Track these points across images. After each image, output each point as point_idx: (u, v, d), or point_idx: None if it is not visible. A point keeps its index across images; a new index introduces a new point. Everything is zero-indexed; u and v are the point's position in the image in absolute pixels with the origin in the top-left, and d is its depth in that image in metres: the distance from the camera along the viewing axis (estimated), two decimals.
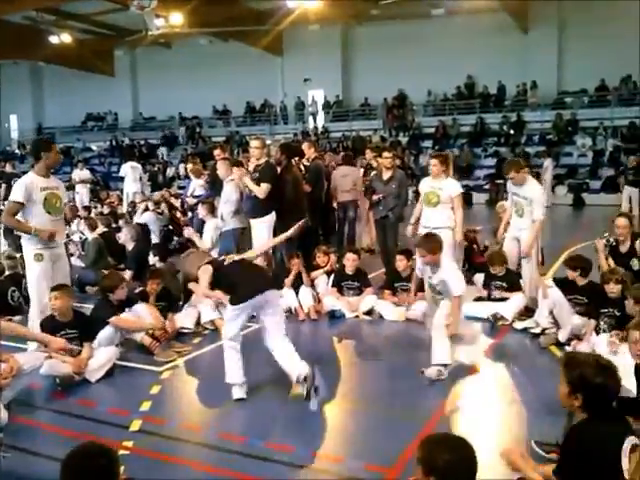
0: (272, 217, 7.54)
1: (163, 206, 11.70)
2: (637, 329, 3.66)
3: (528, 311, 6.30)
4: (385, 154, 8.32)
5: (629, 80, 21.54)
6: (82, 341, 5.08)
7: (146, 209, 11.32)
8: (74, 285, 6.78)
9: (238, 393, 4.58)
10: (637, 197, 14.59)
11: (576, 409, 2.73)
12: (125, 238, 8.43)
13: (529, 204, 6.48)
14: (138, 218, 11.11)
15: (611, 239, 6.30)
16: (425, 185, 7.04)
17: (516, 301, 6.41)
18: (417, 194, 7.60)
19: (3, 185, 12.85)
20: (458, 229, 6.78)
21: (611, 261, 6.14)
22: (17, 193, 5.41)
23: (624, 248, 6.25)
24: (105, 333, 5.39)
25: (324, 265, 7.36)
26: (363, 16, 23.68)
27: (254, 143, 7.89)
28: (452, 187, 6.87)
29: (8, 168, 14.99)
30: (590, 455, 2.60)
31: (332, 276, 7.23)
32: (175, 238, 10.79)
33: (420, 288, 6.40)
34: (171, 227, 11.14)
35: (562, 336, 5.53)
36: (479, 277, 7.07)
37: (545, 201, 6.81)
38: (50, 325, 5.05)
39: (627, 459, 2.57)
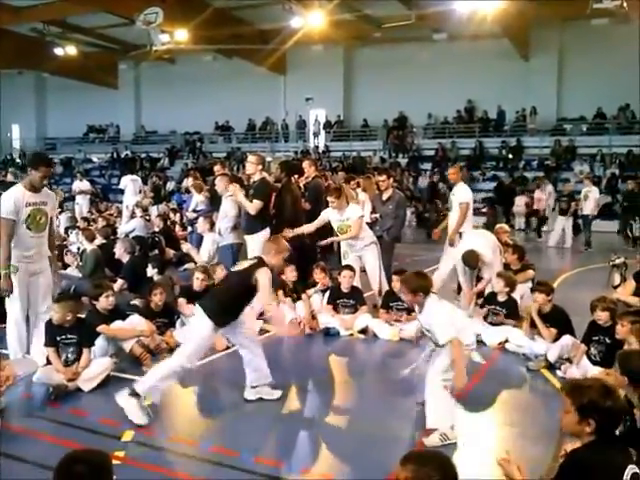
0: (266, 233, 7.57)
1: (153, 214, 11.61)
2: None
3: None
4: (378, 177, 8.43)
5: (627, 109, 21.77)
6: (81, 346, 5.10)
7: (133, 215, 11.20)
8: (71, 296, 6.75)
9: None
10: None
11: (585, 435, 2.72)
12: (120, 252, 8.31)
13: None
14: (125, 224, 11.03)
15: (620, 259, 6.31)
16: (333, 218, 7.34)
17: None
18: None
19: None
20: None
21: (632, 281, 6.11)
22: (7, 208, 5.16)
23: None
24: (98, 343, 5.41)
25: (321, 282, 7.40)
26: (366, 38, 23.97)
27: (249, 158, 7.95)
28: (353, 213, 7.26)
29: (10, 177, 15.05)
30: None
31: (327, 293, 7.26)
32: (172, 251, 10.80)
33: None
34: (157, 236, 11.04)
35: (551, 356, 5.54)
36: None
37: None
38: (52, 329, 5.08)
39: None
